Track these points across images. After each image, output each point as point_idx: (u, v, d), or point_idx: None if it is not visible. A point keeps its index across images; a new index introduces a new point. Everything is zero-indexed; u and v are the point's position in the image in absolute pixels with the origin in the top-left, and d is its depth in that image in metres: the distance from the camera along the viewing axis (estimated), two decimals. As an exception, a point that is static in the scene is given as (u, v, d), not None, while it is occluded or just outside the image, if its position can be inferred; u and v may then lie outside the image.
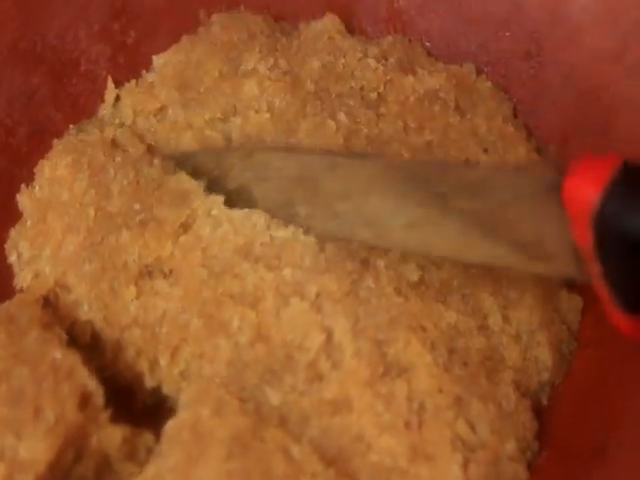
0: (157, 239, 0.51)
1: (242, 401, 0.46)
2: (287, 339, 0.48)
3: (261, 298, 0.48)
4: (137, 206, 0.52)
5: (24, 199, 0.55)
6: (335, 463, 0.44)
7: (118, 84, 0.60)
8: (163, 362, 0.49)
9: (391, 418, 0.45)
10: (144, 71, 0.61)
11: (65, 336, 0.48)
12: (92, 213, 0.52)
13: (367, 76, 0.58)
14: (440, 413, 0.45)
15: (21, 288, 0.53)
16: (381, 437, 0.44)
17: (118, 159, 0.54)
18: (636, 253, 0.39)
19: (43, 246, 0.53)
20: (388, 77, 0.58)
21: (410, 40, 0.62)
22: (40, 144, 0.57)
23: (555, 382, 0.50)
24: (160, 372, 0.50)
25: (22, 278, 0.53)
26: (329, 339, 0.47)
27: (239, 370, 0.47)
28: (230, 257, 0.50)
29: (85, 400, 0.45)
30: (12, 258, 0.54)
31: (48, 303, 0.52)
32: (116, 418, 0.47)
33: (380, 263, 0.50)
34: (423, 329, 0.48)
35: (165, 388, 0.50)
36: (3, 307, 0.50)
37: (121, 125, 0.58)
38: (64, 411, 0.44)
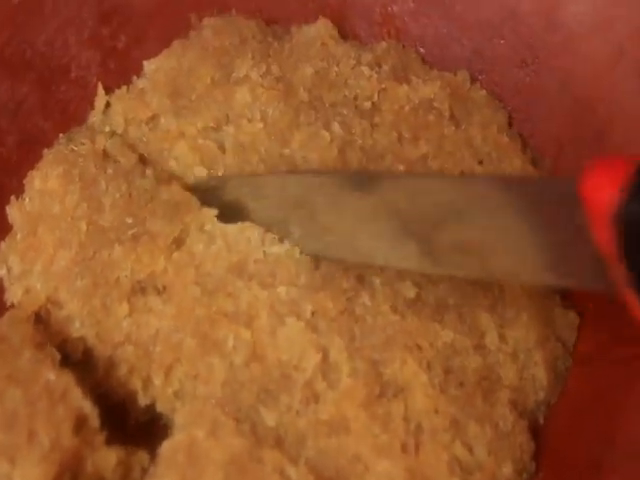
0: (150, 253, 0.50)
1: (238, 422, 0.46)
2: (283, 358, 0.47)
3: (255, 317, 0.48)
4: (129, 220, 0.52)
5: (14, 211, 0.54)
6: (332, 485, 0.44)
7: (108, 90, 0.59)
8: (157, 381, 0.49)
9: (388, 440, 0.45)
10: (135, 77, 0.60)
11: (58, 356, 0.48)
12: (84, 227, 0.52)
13: (361, 84, 0.58)
14: (437, 435, 0.45)
15: (12, 304, 0.52)
16: (378, 460, 0.44)
17: (110, 171, 0.54)
18: None
19: (34, 261, 0.52)
20: (382, 85, 0.58)
21: (404, 46, 0.62)
22: (29, 153, 0.56)
23: (551, 401, 0.50)
24: (154, 390, 0.49)
25: (12, 293, 0.52)
26: (325, 358, 0.47)
27: (234, 390, 0.47)
28: (224, 275, 0.49)
29: (80, 423, 0.45)
30: (2, 272, 0.53)
31: (39, 319, 0.51)
32: (110, 437, 0.46)
33: (376, 280, 0.50)
34: (419, 348, 0.47)
35: (159, 406, 0.49)
36: (-6, 325, 0.49)
37: (112, 134, 0.57)
38: (59, 435, 0.43)
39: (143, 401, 0.49)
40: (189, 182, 0.55)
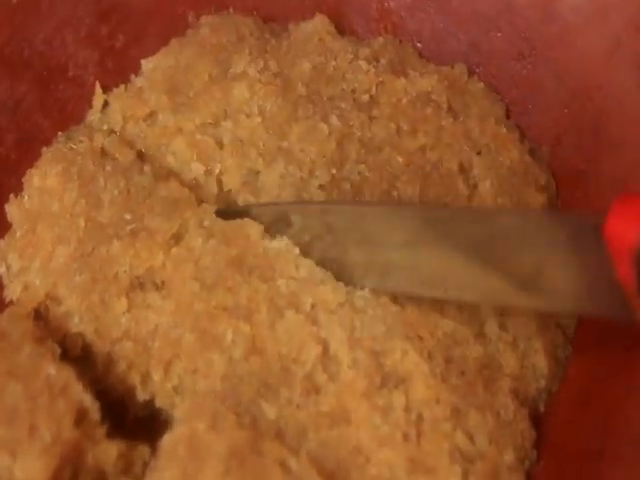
0: (148, 249, 0.50)
1: (238, 415, 0.46)
2: (282, 352, 0.47)
3: (255, 310, 0.48)
4: (128, 216, 0.52)
5: (13, 209, 0.54)
6: (333, 476, 0.44)
7: (106, 89, 0.59)
8: (156, 377, 0.49)
9: (389, 430, 0.45)
10: (133, 75, 0.60)
11: (58, 350, 0.48)
12: (82, 224, 0.52)
13: (359, 78, 0.58)
14: (438, 424, 0.45)
15: (11, 300, 0.52)
16: (379, 450, 0.44)
17: (108, 168, 0.54)
18: None
19: (33, 257, 0.52)
20: (380, 79, 0.58)
21: (401, 41, 0.62)
22: (28, 152, 0.56)
23: (552, 389, 0.50)
24: (153, 386, 0.49)
25: (12, 290, 0.52)
26: (325, 351, 0.47)
27: (234, 384, 0.47)
28: (223, 269, 0.49)
29: (81, 416, 0.45)
30: (1, 270, 0.53)
31: (39, 316, 0.51)
32: (110, 432, 0.46)
33: (376, 271, 0.49)
34: (420, 338, 0.47)
35: (158, 401, 0.49)
36: (-6, 321, 0.49)
37: (110, 131, 0.57)
38: (60, 429, 0.43)
39: (142, 396, 0.49)
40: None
